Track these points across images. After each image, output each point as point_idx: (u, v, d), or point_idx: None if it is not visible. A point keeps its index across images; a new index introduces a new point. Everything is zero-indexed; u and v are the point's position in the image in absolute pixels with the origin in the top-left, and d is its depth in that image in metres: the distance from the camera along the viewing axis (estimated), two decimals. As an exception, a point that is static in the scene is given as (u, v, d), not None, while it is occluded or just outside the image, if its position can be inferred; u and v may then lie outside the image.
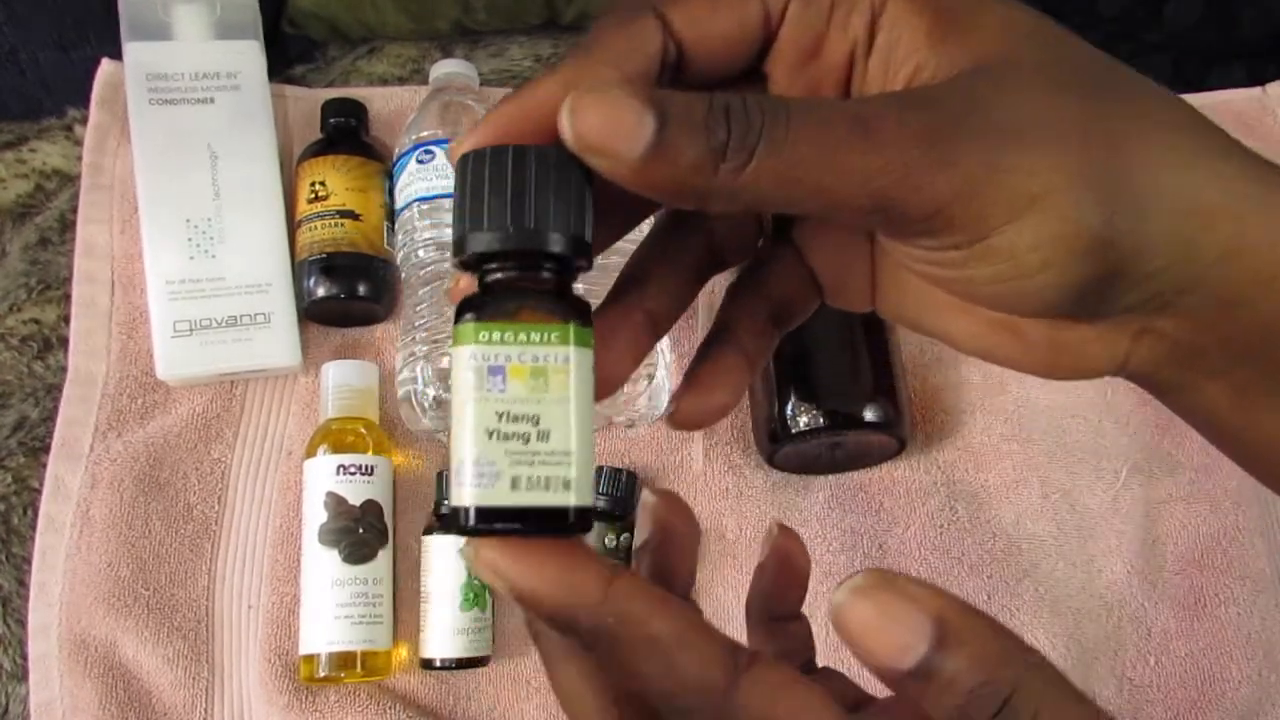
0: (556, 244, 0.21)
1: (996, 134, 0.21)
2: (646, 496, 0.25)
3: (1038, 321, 0.24)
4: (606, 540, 0.59)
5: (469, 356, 0.21)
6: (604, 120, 0.20)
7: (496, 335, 0.21)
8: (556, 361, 0.21)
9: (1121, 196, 0.21)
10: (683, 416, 0.25)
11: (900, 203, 0.20)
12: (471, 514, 0.20)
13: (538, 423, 0.20)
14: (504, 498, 0.20)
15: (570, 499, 0.20)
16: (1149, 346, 0.24)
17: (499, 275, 0.22)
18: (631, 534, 0.59)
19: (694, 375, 0.26)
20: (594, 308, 0.22)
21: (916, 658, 0.19)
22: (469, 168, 0.21)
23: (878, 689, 0.23)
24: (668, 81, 0.23)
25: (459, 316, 0.21)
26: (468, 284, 0.23)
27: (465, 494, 0.20)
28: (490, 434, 0.20)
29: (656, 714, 0.22)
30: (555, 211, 0.21)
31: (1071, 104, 0.21)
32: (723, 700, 0.20)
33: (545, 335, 0.21)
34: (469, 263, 0.22)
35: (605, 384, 0.24)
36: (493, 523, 0.20)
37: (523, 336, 0.21)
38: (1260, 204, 0.22)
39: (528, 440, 0.20)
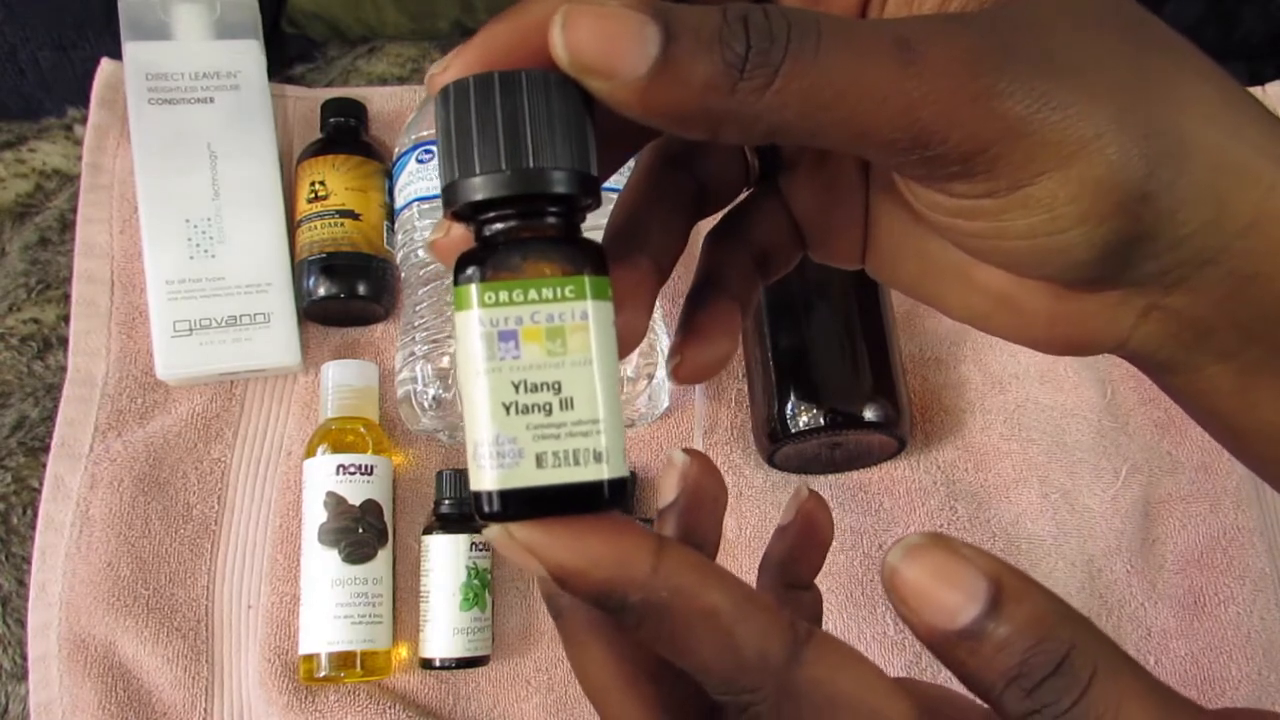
0: (561, 184, 0.18)
1: (1050, 67, 0.19)
2: (675, 455, 0.23)
3: (1040, 292, 0.23)
4: None
5: (475, 322, 0.18)
6: (601, 35, 0.18)
7: (504, 295, 0.18)
8: (574, 319, 0.18)
9: (1165, 147, 0.19)
10: (688, 368, 0.24)
11: (941, 138, 0.19)
12: (495, 499, 0.18)
13: (559, 390, 0.18)
14: (530, 478, 0.18)
15: (604, 472, 0.18)
16: (1155, 323, 0.23)
17: (499, 225, 0.19)
18: None
19: (690, 325, 0.24)
20: None
21: (970, 617, 0.18)
22: (452, 101, 0.18)
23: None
24: None
25: (458, 276, 0.18)
26: (459, 237, 0.20)
27: (486, 477, 0.18)
28: (508, 408, 0.18)
29: (690, 694, 0.21)
30: (556, 146, 0.18)
31: (1122, 45, 0.20)
32: (784, 675, 0.19)
33: (559, 290, 0.18)
34: (462, 213, 0.19)
35: (624, 342, 0.21)
36: (520, 506, 0.18)
37: (534, 294, 0.18)
38: None
39: (550, 411, 0.18)
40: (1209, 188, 0.20)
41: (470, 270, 0.18)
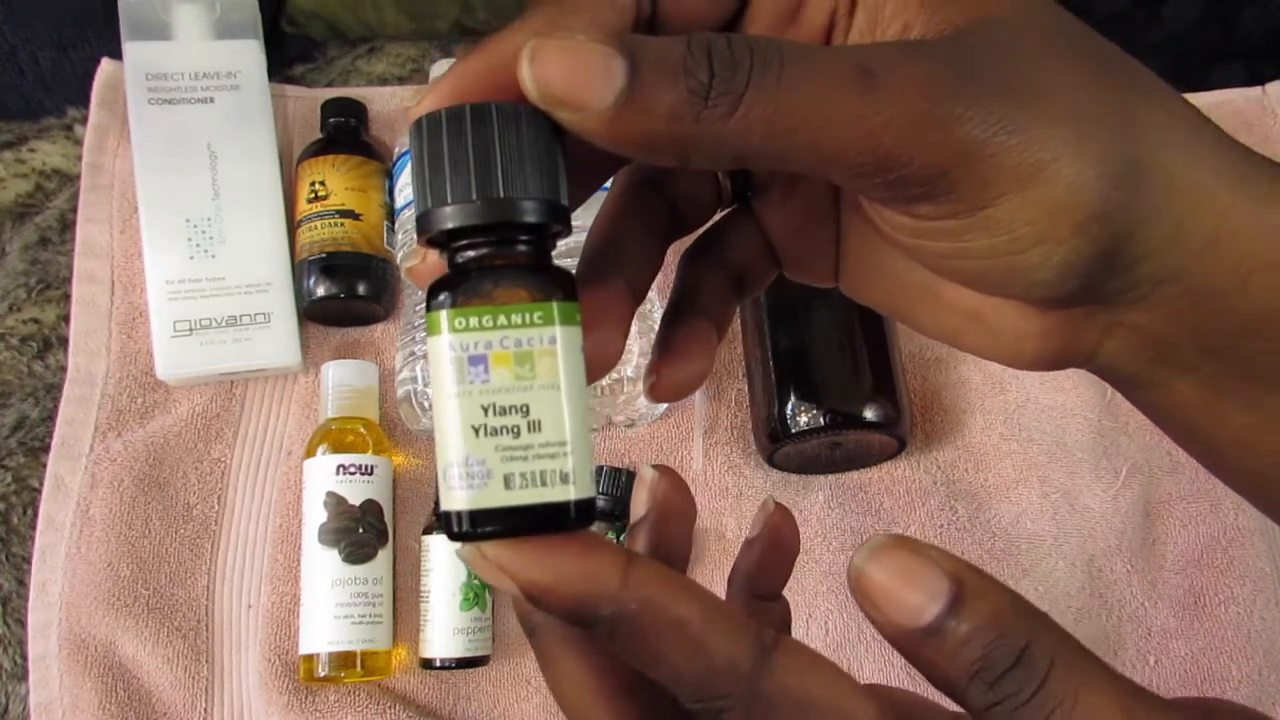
0: (531, 213, 0.19)
1: (1009, 92, 0.19)
2: (645, 471, 0.24)
3: (1008, 309, 0.24)
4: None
5: (446, 347, 0.19)
6: (568, 68, 0.18)
7: (474, 320, 0.19)
8: (542, 344, 0.19)
9: (1123, 170, 0.20)
10: (663, 387, 0.24)
11: (903, 162, 0.19)
12: (465, 519, 0.19)
13: (528, 413, 0.19)
14: (499, 498, 0.18)
15: (571, 493, 0.19)
16: (1120, 340, 0.23)
17: (470, 253, 0.19)
18: None
19: (667, 344, 0.25)
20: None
21: (933, 615, 0.19)
22: (425, 132, 0.19)
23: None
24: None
25: (430, 302, 0.19)
26: (435, 263, 0.21)
27: (455, 497, 0.19)
28: (477, 430, 0.19)
29: (664, 706, 0.22)
30: (526, 176, 0.19)
31: (1080, 71, 0.20)
32: (753, 681, 0.19)
33: (527, 316, 0.19)
34: (436, 240, 0.20)
35: (598, 365, 0.22)
36: (488, 526, 0.19)
37: (503, 319, 0.19)
38: (1247, 192, 0.21)
39: (518, 433, 0.19)
40: (1166, 208, 0.20)
41: (442, 296, 0.19)
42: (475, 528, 0.19)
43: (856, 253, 0.26)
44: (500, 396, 0.19)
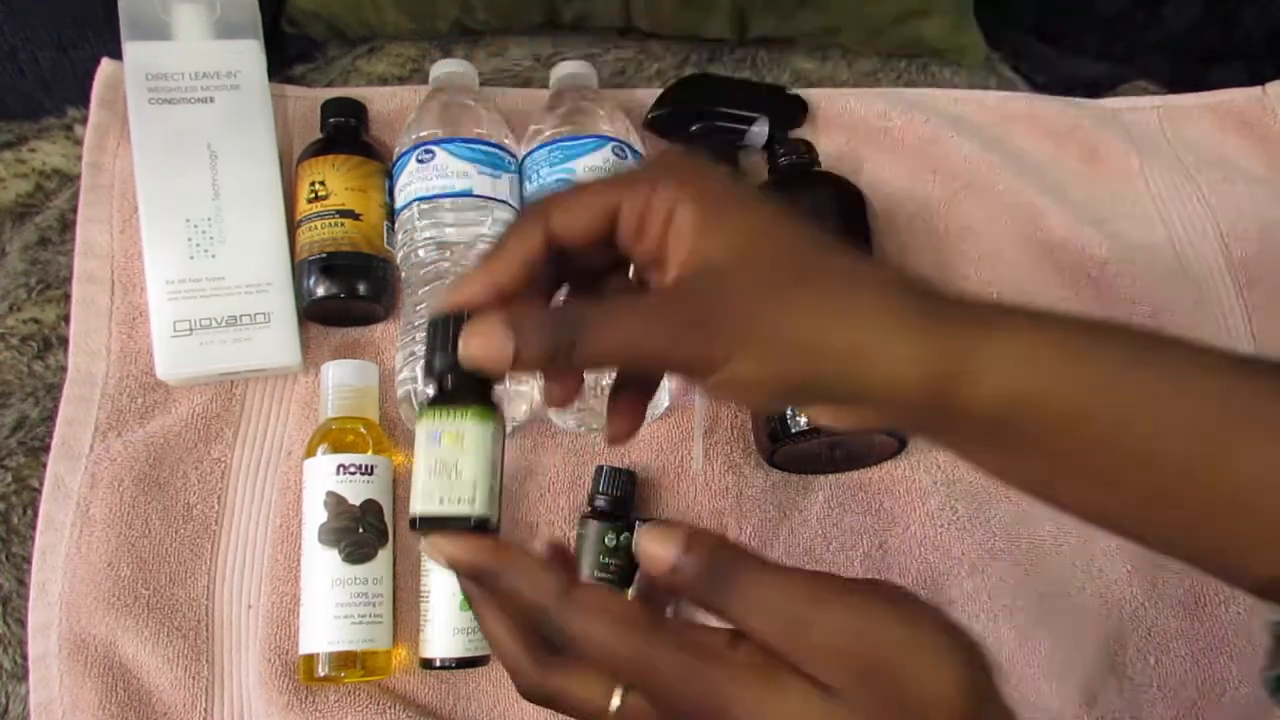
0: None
1: (726, 314, 0.32)
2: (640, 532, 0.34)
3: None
4: (606, 539, 0.59)
5: (422, 428, 0.34)
6: (482, 347, 0.32)
7: (437, 416, 0.34)
8: (469, 431, 0.34)
9: (775, 346, 0.32)
10: (612, 441, 0.39)
11: (666, 362, 0.34)
12: (418, 520, 0.33)
13: (457, 465, 0.34)
14: (435, 509, 0.33)
15: (473, 510, 0.33)
16: (852, 421, 0.36)
17: (448, 385, 0.35)
18: (631, 533, 0.59)
19: (613, 410, 0.39)
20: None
21: (673, 558, 0.32)
22: (431, 327, 0.34)
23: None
24: (554, 264, 0.34)
25: (419, 407, 0.31)
26: (431, 391, 0.36)
27: (415, 506, 0.34)
28: (429, 471, 0.34)
29: (538, 634, 0.33)
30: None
31: (776, 293, 0.32)
32: (560, 601, 0.32)
33: (462, 416, 0.34)
34: (433, 380, 0.35)
35: (494, 364, 0.33)
36: (428, 524, 0.33)
37: (449, 417, 0.34)
38: (935, 345, 0.32)
39: (450, 475, 0.34)
40: (816, 366, 0.32)
41: (425, 402, 0.36)
42: (423, 525, 0.33)
43: None
44: (444, 455, 0.34)
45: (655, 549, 0.32)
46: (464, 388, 0.34)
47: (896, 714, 0.30)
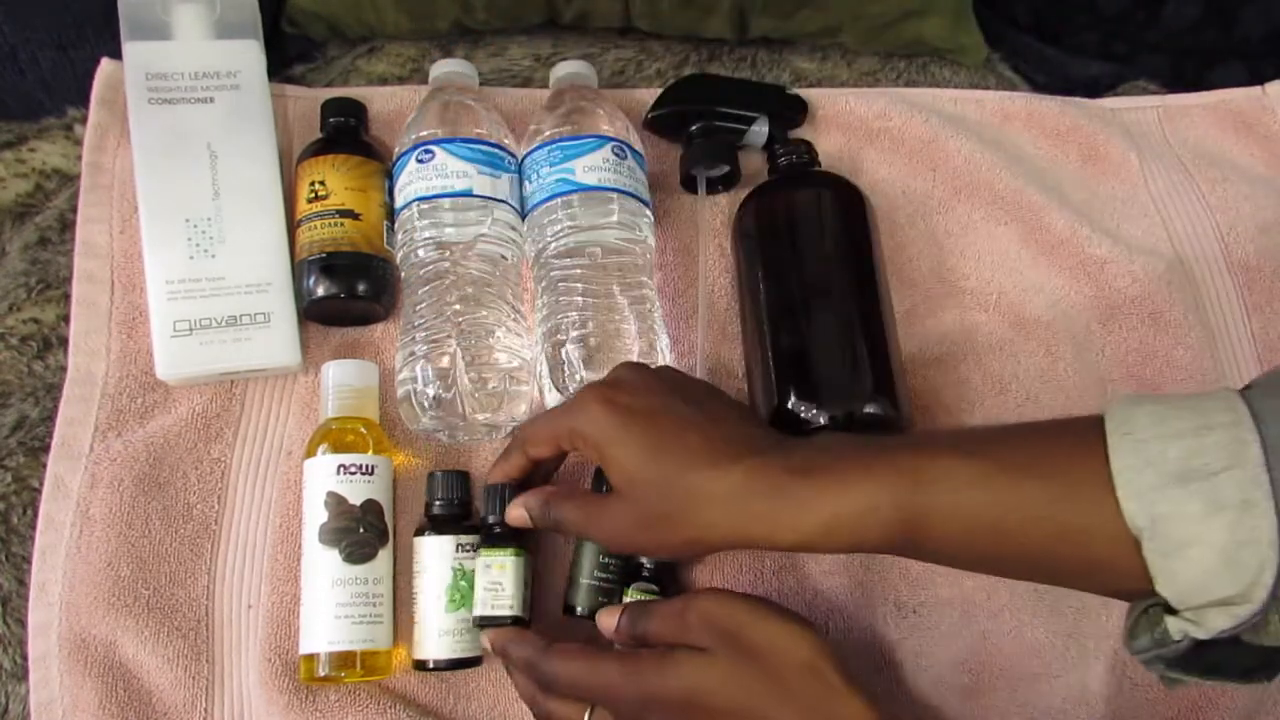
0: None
1: (648, 512, 0.50)
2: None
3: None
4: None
5: (480, 559, 0.57)
6: (512, 517, 0.56)
7: (491, 552, 0.57)
8: (510, 563, 0.56)
9: (670, 506, 0.50)
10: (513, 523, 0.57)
11: (625, 545, 0.53)
12: (478, 619, 0.56)
13: (501, 584, 0.56)
14: (489, 612, 0.56)
15: (511, 612, 0.56)
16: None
17: (496, 531, 0.58)
18: None
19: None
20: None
21: (616, 626, 0.53)
22: (487, 493, 0.58)
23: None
24: (538, 474, 0.58)
25: (481, 547, 0.58)
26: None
27: (476, 610, 0.57)
28: (485, 588, 0.56)
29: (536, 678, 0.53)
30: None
31: (656, 486, 0.50)
32: (542, 655, 0.51)
33: (505, 552, 0.56)
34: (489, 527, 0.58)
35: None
36: (486, 621, 0.56)
37: (498, 552, 0.57)
38: (787, 502, 0.47)
39: (497, 591, 0.56)
40: (710, 527, 0.49)
41: (483, 541, 0.58)
42: (480, 622, 0.56)
43: None
44: (493, 577, 0.56)
45: (604, 622, 0.53)
46: (507, 535, 0.57)
47: (751, 660, 0.47)
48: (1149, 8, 0.85)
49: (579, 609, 0.57)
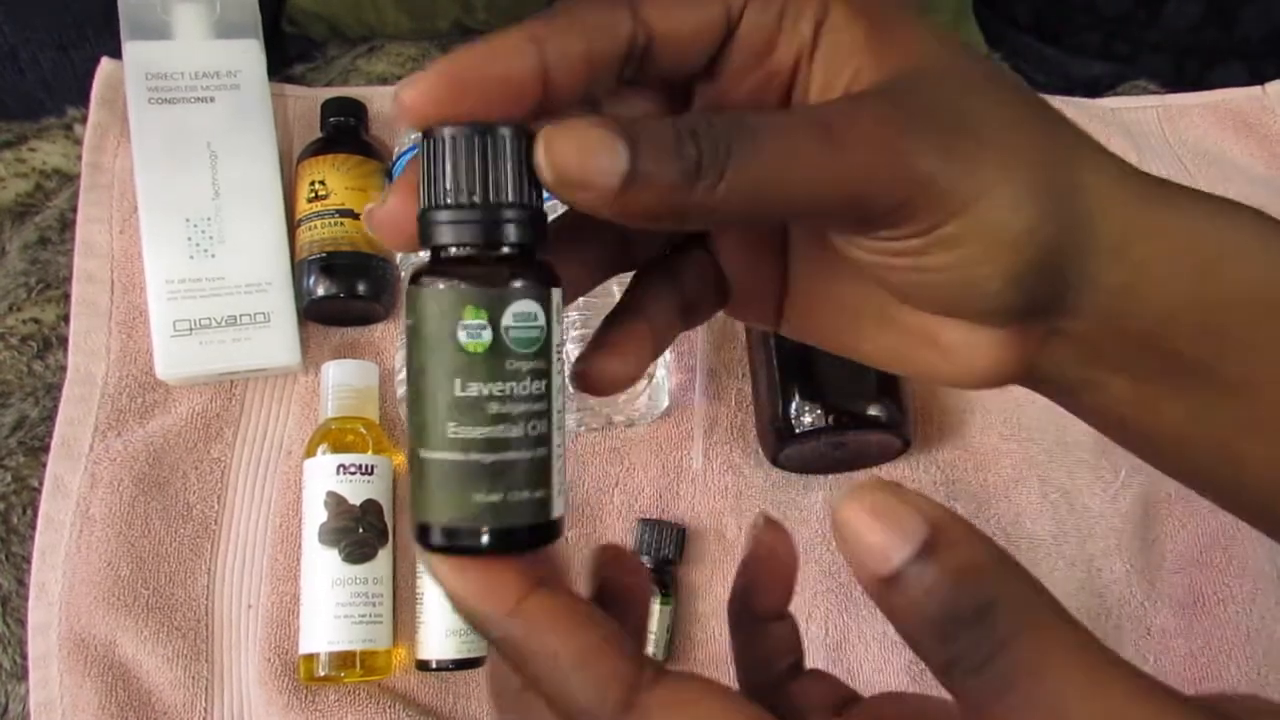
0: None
1: (948, 128, 0.23)
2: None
3: (959, 330, 0.26)
4: None
5: None
6: (578, 154, 0.21)
7: None
8: None
9: (1040, 186, 0.23)
10: (590, 378, 0.26)
11: (868, 199, 0.22)
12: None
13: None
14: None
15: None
16: (1056, 349, 0.26)
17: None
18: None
19: (602, 340, 0.26)
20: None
21: (900, 559, 0.18)
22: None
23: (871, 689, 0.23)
24: (631, 70, 0.24)
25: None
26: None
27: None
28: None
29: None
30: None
31: (1005, 106, 0.24)
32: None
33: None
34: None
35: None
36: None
37: None
38: (1147, 203, 0.25)
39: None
40: (1084, 221, 0.24)
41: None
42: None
43: (805, 290, 0.29)
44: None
45: (865, 529, 0.19)
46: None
47: None
48: (1150, 8, 0.86)
49: None
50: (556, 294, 0.23)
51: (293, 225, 0.67)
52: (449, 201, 0.22)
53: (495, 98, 0.22)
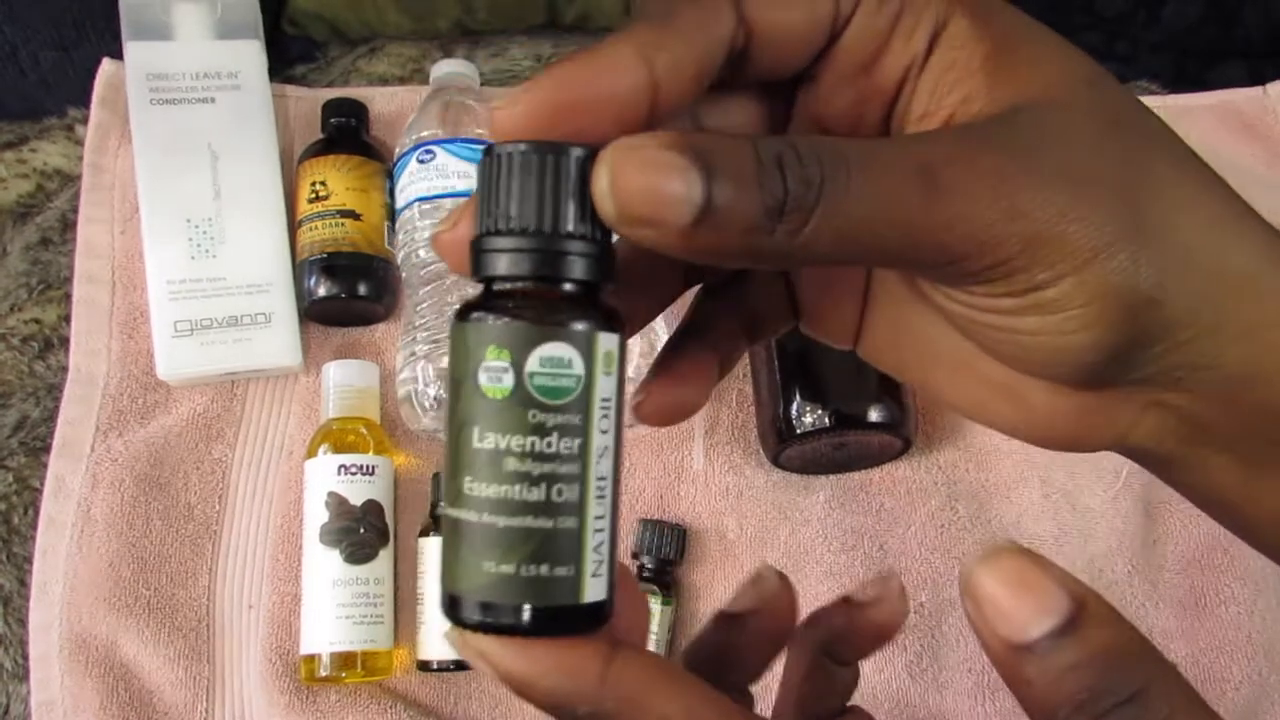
0: None
1: (1063, 182, 0.20)
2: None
3: (1043, 387, 0.24)
4: None
5: None
6: (646, 189, 0.18)
7: None
8: None
9: (1169, 256, 0.20)
10: (650, 408, 0.24)
11: (966, 255, 0.20)
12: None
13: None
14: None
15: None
16: (1156, 420, 0.23)
17: None
18: None
19: (665, 366, 0.24)
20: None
21: (1043, 631, 0.18)
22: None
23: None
24: (729, 70, 0.22)
25: None
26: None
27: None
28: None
29: None
30: None
31: (1127, 156, 0.21)
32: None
33: None
34: None
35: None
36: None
37: None
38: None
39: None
40: (1209, 295, 0.21)
41: None
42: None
43: (885, 318, 0.26)
44: None
45: (1005, 596, 0.18)
46: None
47: None
48: (1150, 8, 0.85)
49: None
50: (608, 340, 0.20)
51: (294, 226, 0.67)
52: (500, 227, 0.20)
53: (604, 118, 0.19)
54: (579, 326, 0.19)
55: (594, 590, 0.19)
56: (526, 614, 0.19)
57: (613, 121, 0.19)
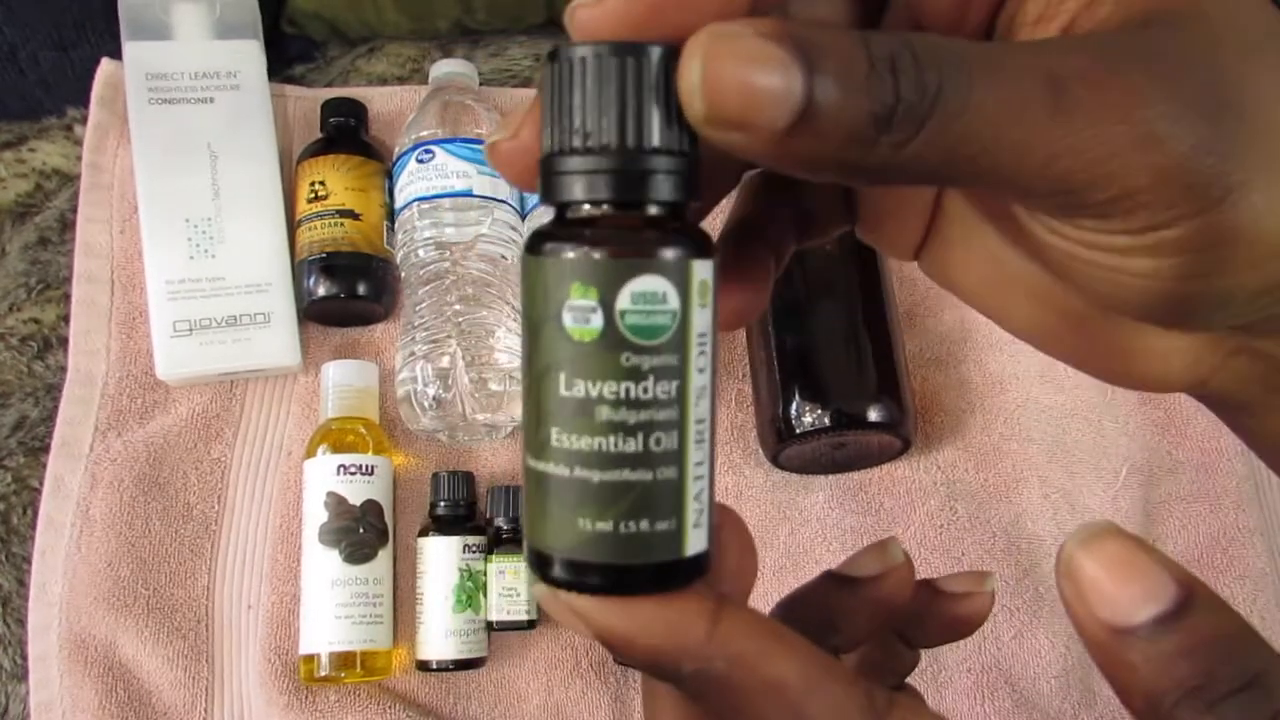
0: None
1: (1205, 110, 0.17)
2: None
3: (1125, 325, 0.22)
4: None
5: (493, 565, 0.40)
6: (740, 78, 0.16)
7: (503, 559, 0.37)
8: (521, 567, 0.37)
9: None
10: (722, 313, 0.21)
11: (1086, 186, 0.17)
12: (495, 624, 0.21)
13: (516, 589, 0.41)
14: (505, 617, 0.40)
15: (528, 616, 0.24)
16: (1243, 364, 0.22)
17: (504, 536, 0.32)
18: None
19: (727, 268, 0.21)
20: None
21: (1149, 615, 0.17)
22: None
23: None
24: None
25: (492, 552, 0.39)
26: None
27: (492, 615, 0.33)
28: (499, 595, 0.38)
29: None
30: None
31: (1267, 79, 0.18)
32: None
33: (519, 559, 0.37)
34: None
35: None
36: (504, 626, 0.21)
37: (511, 558, 0.37)
38: None
39: (513, 596, 0.37)
40: None
41: (495, 549, 0.35)
42: (499, 626, 0.21)
43: (955, 235, 0.24)
44: (508, 582, 0.43)
45: (1109, 579, 0.18)
46: (517, 538, 0.43)
47: None
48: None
49: None
50: (702, 268, 0.17)
51: (293, 226, 0.67)
52: (575, 145, 0.17)
53: (706, 14, 0.17)
54: (671, 255, 0.17)
55: (696, 542, 0.18)
56: (626, 573, 0.18)
57: (712, 19, 0.17)
